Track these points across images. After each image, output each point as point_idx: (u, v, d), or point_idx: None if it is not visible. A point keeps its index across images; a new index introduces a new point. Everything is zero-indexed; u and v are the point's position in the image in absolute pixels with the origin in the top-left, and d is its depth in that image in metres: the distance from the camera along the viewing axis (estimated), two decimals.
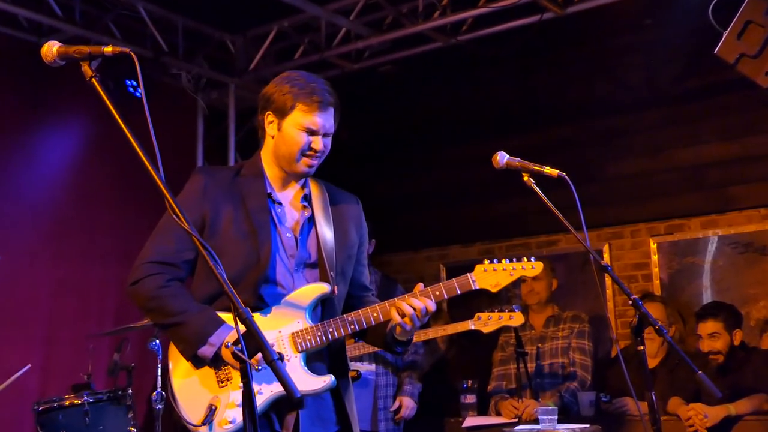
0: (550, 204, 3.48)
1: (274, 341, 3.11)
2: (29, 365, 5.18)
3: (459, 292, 3.22)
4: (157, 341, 4.74)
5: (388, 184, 8.71)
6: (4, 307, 6.11)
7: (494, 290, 3.27)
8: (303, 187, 3.32)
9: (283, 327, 3.13)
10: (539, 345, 6.34)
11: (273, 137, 3.22)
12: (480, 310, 5.26)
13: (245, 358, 2.12)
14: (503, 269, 3.30)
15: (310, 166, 3.21)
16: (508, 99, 8.07)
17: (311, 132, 3.14)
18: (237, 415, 3.00)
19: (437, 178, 8.48)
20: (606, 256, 7.42)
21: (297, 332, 3.13)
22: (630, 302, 3.28)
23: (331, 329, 3.14)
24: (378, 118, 8.68)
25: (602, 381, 6.30)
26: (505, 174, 3.64)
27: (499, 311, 5.13)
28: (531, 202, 3.56)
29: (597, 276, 3.56)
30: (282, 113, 3.16)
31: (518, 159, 3.59)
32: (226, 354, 2.95)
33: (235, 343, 2.14)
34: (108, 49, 2.40)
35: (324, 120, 3.15)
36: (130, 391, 4.87)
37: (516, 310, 5.18)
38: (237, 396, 3.02)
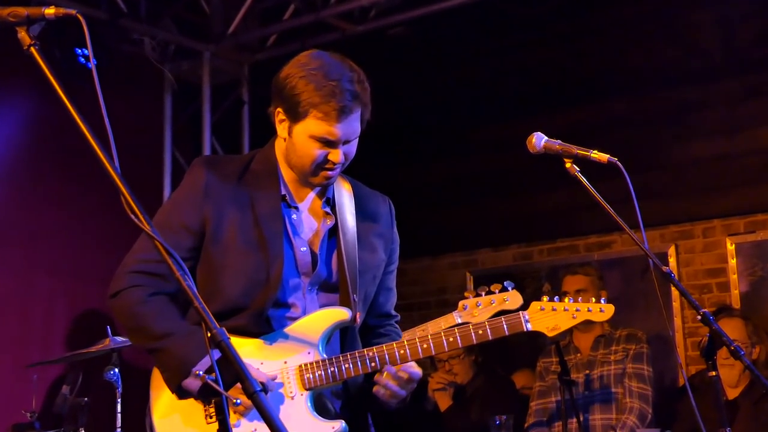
0: (598, 196, 3.50)
1: (277, 373, 3.15)
2: None
3: (507, 333, 3.26)
4: (116, 370, 4.76)
5: (400, 174, 8.71)
6: None
7: (551, 334, 3.32)
8: (325, 189, 3.33)
9: (289, 357, 3.17)
10: (587, 372, 6.36)
11: (284, 140, 3.23)
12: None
13: (220, 389, 2.13)
14: (564, 310, 3.33)
15: (328, 178, 3.23)
16: (549, 68, 8.06)
17: (328, 143, 3.13)
18: None
19: (462, 166, 8.49)
20: (672, 261, 7.43)
21: (306, 365, 3.16)
22: (699, 317, 3.28)
23: (347, 365, 3.16)
24: (387, 92, 8.66)
25: (667, 415, 6.31)
26: (546, 160, 3.65)
27: (487, 293, 5.07)
28: (579, 194, 3.58)
29: (658, 285, 3.56)
30: (294, 116, 3.14)
31: (559, 141, 3.60)
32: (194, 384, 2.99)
33: (209, 371, 2.15)
34: (50, 11, 2.41)
35: (345, 129, 3.12)
36: (82, 431, 4.89)
37: (509, 288, 5.12)
38: None
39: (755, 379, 5.59)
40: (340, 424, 3.13)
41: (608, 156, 3.52)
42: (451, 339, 3.21)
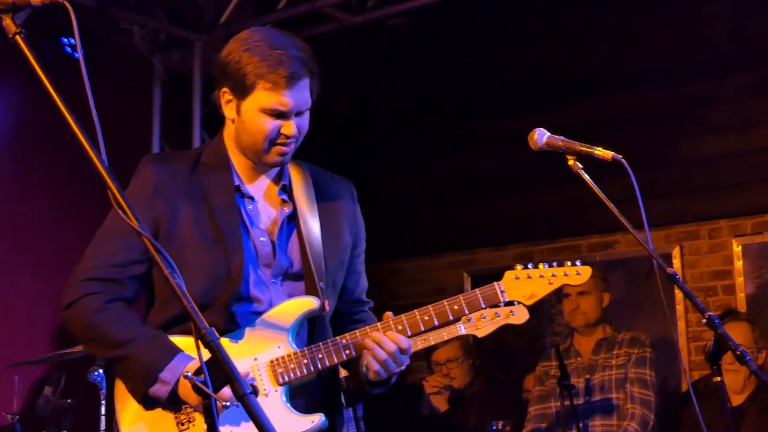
0: (601, 195, 3.52)
1: (248, 371, 3.13)
2: None
3: (484, 306, 3.25)
4: (101, 371, 4.77)
5: (398, 169, 8.72)
6: None
7: (528, 303, 3.30)
8: (280, 175, 3.32)
9: (259, 354, 3.15)
10: (588, 376, 6.36)
11: (233, 121, 3.19)
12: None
13: (209, 392, 2.13)
14: (540, 276, 3.31)
15: (282, 155, 3.19)
16: (553, 61, 8.06)
17: (280, 114, 3.11)
18: None
19: (462, 162, 8.49)
20: (676, 262, 7.44)
21: (277, 359, 3.14)
22: (704, 321, 3.29)
23: (320, 355, 3.14)
24: (386, 85, 8.69)
25: (671, 422, 6.31)
26: (548, 157, 3.67)
27: (492, 307, 5.07)
28: (581, 193, 3.59)
29: (662, 288, 3.57)
30: (241, 92, 3.11)
31: (562, 138, 3.61)
32: (184, 388, 2.96)
33: (197, 373, 2.15)
34: None
35: (295, 97, 3.11)
36: None
37: (515, 303, 5.12)
38: None
39: (762, 384, 5.64)
40: (320, 417, 3.13)
41: (612, 153, 3.53)
42: (426, 318, 3.19)
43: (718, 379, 3.34)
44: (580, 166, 3.57)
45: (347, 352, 3.16)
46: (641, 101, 7.69)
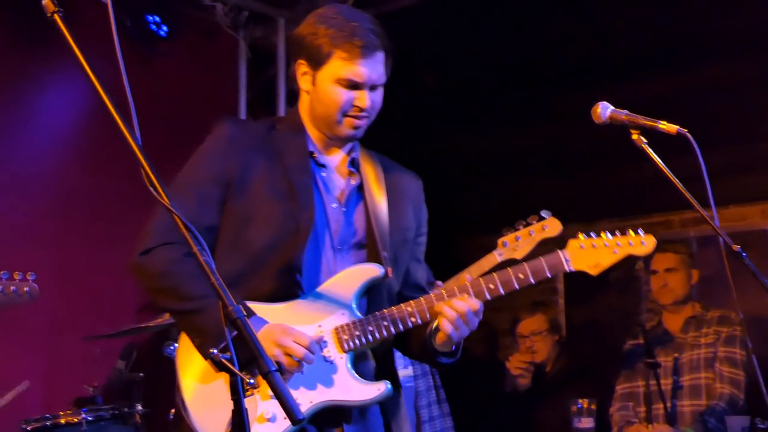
0: (665, 169, 3.56)
1: (321, 335, 3.16)
2: (27, 382, 5.33)
3: (549, 275, 3.25)
4: (176, 345, 4.83)
5: (488, 144, 8.67)
6: None
7: (594, 272, 3.30)
8: (351, 150, 3.38)
9: (323, 320, 3.18)
10: (676, 355, 6.28)
11: (308, 93, 3.29)
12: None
13: (236, 369, 2.16)
14: (604, 245, 3.31)
15: (355, 128, 3.26)
16: (633, 31, 7.90)
17: (354, 85, 3.19)
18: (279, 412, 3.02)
19: (552, 135, 8.40)
20: None
21: (342, 326, 3.17)
22: None
23: (385, 323, 3.18)
24: (472, 58, 8.63)
25: (761, 401, 6.18)
26: (648, 133, 3.61)
27: (525, 226, 4.99)
28: (676, 165, 3.54)
29: (728, 266, 3.52)
30: (316, 63, 3.21)
31: (625, 111, 3.60)
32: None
33: (223, 350, 2.18)
34: None
35: (370, 69, 3.19)
36: (139, 407, 4.99)
37: (546, 216, 5.01)
38: (268, 407, 3.06)
39: None
40: (385, 385, 3.15)
41: (677, 127, 3.50)
42: (491, 286, 3.20)
43: None
44: (644, 140, 3.54)
45: (413, 319, 3.18)
46: (733, 73, 7.50)
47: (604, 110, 3.59)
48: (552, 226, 4.94)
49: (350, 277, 3.22)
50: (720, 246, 3.31)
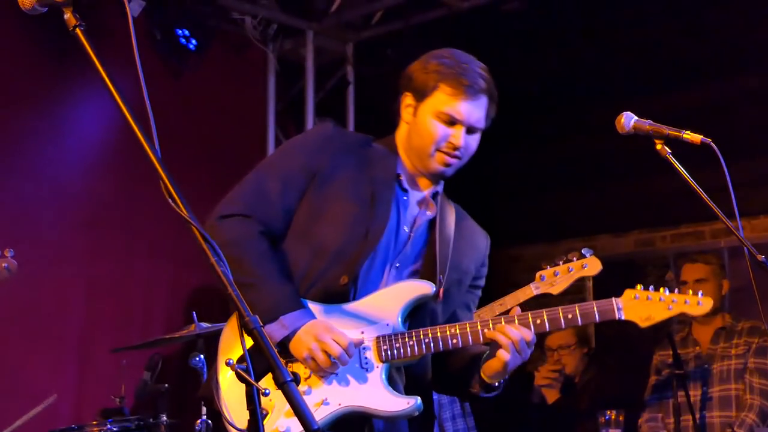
0: (690, 179, 3.55)
1: (361, 339, 3.21)
2: (55, 395, 5.38)
3: (598, 320, 3.26)
4: (202, 357, 4.86)
5: (516, 156, 8.66)
6: (26, 313, 6.34)
7: (643, 325, 3.29)
8: (435, 185, 3.44)
9: (367, 327, 3.22)
10: (706, 366, 6.23)
11: (408, 123, 3.36)
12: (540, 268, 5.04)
13: (251, 380, 2.17)
14: (660, 300, 3.30)
15: (446, 165, 3.32)
16: (672, 42, 7.89)
17: (452, 122, 3.25)
18: (293, 425, 3.07)
19: (581, 147, 8.40)
20: None
21: (384, 337, 3.21)
22: None
23: (427, 340, 3.20)
24: (501, 72, 8.61)
25: None
26: (669, 142, 3.60)
27: (565, 262, 4.95)
28: (703, 177, 3.54)
29: (753, 276, 3.51)
30: (421, 94, 3.29)
31: (649, 122, 3.60)
32: (296, 340, 3.11)
33: (240, 360, 2.20)
34: None
35: (471, 109, 3.26)
36: (164, 418, 5.01)
37: (588, 255, 4.95)
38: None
39: None
40: (415, 400, 3.16)
41: (701, 137, 3.48)
42: (538, 321, 3.21)
43: None
44: (668, 150, 3.53)
45: (454, 341, 3.20)
46: (763, 84, 7.46)
47: (628, 120, 3.60)
48: (592, 265, 4.92)
49: (401, 291, 3.27)
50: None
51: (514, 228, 8.31)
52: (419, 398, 3.17)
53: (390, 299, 3.24)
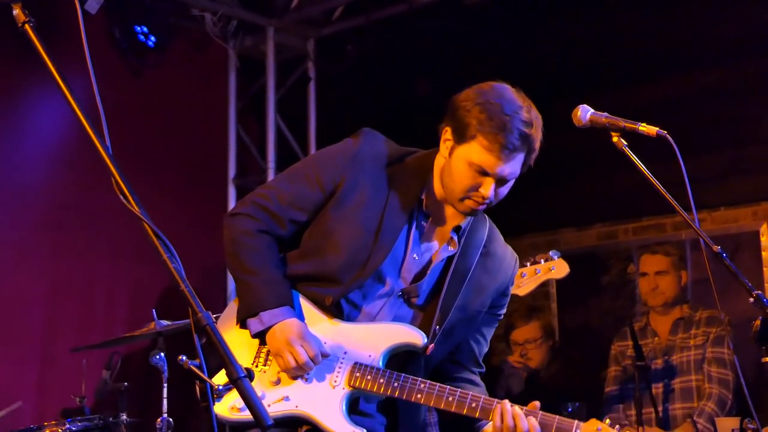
0: (647, 172, 3.55)
1: (332, 361, 3.30)
2: (20, 402, 5.39)
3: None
4: (162, 354, 4.81)
5: None
6: None
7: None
8: (462, 219, 3.43)
9: (351, 350, 3.31)
10: (666, 357, 6.26)
11: (444, 158, 3.33)
12: None
13: (205, 377, 2.16)
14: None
15: (472, 211, 3.33)
16: (631, 38, 7.90)
17: (484, 173, 3.22)
18: (292, 393, 3.27)
19: (544, 141, 8.38)
20: (764, 240, 7.27)
21: (361, 365, 3.28)
22: (752, 300, 3.24)
23: (396, 384, 3.25)
24: (462, 67, 8.63)
25: (752, 403, 6.16)
26: (631, 136, 3.61)
27: (532, 263, 5.00)
28: (664, 170, 3.56)
29: (709, 267, 3.53)
30: (460, 137, 3.25)
31: (605, 114, 3.60)
32: (272, 335, 3.26)
33: (193, 357, 2.19)
34: None
35: (504, 166, 3.23)
36: (124, 417, 4.99)
37: (555, 257, 5.00)
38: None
39: None
40: (361, 430, 3.23)
41: (657, 129, 3.49)
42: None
43: (767, 359, 3.28)
44: (625, 143, 3.54)
45: (418, 397, 3.23)
46: (726, 78, 7.49)
47: (585, 113, 3.61)
48: (559, 268, 4.97)
49: (392, 333, 3.33)
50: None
51: None
52: (365, 430, 3.23)
53: (379, 336, 3.31)
